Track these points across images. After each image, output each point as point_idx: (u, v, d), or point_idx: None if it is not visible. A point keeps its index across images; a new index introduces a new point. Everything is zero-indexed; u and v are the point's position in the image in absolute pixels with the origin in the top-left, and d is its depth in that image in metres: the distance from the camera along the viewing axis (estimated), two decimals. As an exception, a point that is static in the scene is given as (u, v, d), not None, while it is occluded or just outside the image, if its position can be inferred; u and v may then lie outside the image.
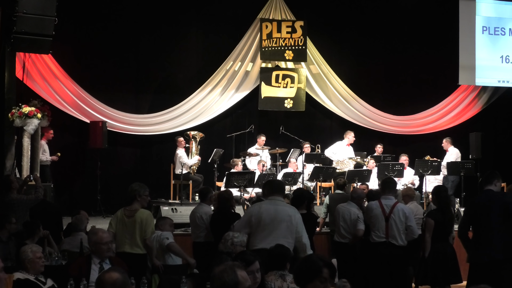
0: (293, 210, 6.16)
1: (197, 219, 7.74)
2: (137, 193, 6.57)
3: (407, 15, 14.07)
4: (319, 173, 11.60)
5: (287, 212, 5.99)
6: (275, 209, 5.94)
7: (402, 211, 7.12)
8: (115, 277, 3.30)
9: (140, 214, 6.51)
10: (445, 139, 13.15)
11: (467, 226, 6.24)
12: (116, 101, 12.68)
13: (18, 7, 9.21)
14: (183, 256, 6.92)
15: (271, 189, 6.18)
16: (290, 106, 13.36)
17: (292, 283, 4.76)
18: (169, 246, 6.81)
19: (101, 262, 5.60)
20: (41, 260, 5.41)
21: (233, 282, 3.24)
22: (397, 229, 7.02)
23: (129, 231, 6.46)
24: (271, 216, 5.89)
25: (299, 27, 13.12)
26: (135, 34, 12.82)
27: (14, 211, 7.39)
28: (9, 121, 10.06)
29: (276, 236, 5.75)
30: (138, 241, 6.45)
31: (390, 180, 7.57)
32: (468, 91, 14.53)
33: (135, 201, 6.57)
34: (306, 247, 5.94)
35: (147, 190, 6.64)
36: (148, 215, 6.57)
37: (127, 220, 6.54)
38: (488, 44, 14.13)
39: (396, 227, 7.02)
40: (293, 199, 7.40)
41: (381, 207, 7.09)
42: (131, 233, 6.45)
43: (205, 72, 13.18)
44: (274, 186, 6.29)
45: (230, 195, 7.77)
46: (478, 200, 6.26)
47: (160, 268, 6.59)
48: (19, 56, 11.01)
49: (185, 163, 11.98)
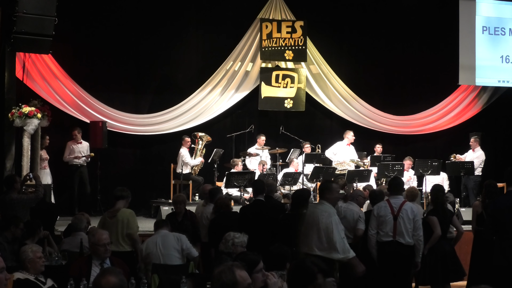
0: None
1: (203, 219, 7.78)
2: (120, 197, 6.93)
3: (407, 15, 14.07)
4: (319, 173, 11.61)
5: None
6: None
7: (411, 209, 7.14)
8: (112, 282, 3.30)
9: (122, 214, 6.76)
10: (473, 138, 12.99)
11: (494, 228, 6.17)
12: (116, 101, 12.68)
13: (18, 7, 9.21)
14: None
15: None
16: (290, 106, 13.36)
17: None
18: (195, 259, 6.86)
19: (102, 263, 5.61)
20: (41, 260, 5.41)
21: (231, 282, 3.24)
22: (405, 228, 7.03)
23: (112, 230, 6.60)
24: None
25: (299, 27, 13.11)
26: (135, 34, 12.82)
27: (14, 211, 7.41)
28: (9, 121, 10.05)
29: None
30: (120, 240, 6.62)
31: (397, 180, 7.59)
32: (468, 91, 14.53)
33: (117, 202, 6.86)
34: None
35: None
36: (129, 213, 6.82)
37: (109, 220, 6.81)
38: (488, 44, 14.12)
39: (404, 226, 7.03)
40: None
41: (390, 206, 7.10)
42: (115, 232, 6.62)
43: (205, 72, 13.18)
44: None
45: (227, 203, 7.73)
46: (502, 201, 6.18)
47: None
48: (19, 56, 11.00)
49: (187, 163, 11.98)
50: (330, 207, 6.22)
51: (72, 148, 11.65)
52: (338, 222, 6.18)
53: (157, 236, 6.85)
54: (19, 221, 6.75)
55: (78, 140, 11.70)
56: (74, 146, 11.66)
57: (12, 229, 6.62)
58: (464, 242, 8.82)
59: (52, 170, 11.43)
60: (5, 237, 6.57)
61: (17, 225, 6.67)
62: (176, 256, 6.72)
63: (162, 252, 6.68)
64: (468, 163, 12.30)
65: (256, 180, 8.46)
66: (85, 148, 11.70)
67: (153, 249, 6.67)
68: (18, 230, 6.66)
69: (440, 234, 7.35)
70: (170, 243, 6.73)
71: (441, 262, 7.35)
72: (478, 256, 7.55)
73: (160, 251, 6.66)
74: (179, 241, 6.78)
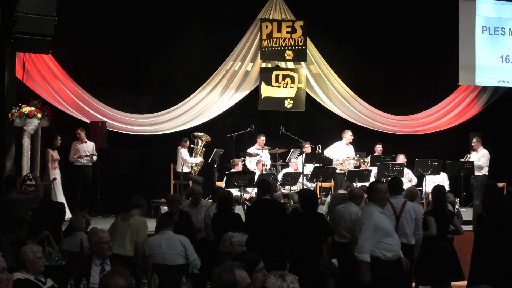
0: None
1: (206, 218, 7.80)
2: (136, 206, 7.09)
3: (407, 15, 14.07)
4: (319, 173, 11.60)
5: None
6: None
7: (413, 209, 7.15)
8: (120, 285, 3.29)
9: (135, 220, 6.81)
10: (475, 138, 13.00)
11: (495, 227, 6.18)
12: (116, 101, 12.67)
13: (18, 7, 9.22)
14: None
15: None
16: (290, 106, 13.36)
17: (292, 283, 4.76)
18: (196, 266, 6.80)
19: (102, 263, 5.61)
20: (41, 260, 5.41)
21: (231, 282, 3.24)
22: (408, 228, 7.04)
23: (120, 232, 6.62)
24: None
25: (299, 27, 13.11)
26: (135, 34, 12.82)
27: (14, 211, 7.42)
28: (9, 121, 10.06)
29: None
30: (127, 244, 6.62)
31: (397, 180, 7.59)
32: (468, 91, 14.53)
33: (132, 210, 6.93)
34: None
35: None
36: (142, 222, 6.87)
37: (121, 222, 6.86)
38: (488, 44, 14.12)
39: (408, 225, 7.03)
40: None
41: (392, 206, 7.11)
42: (122, 235, 6.63)
43: (205, 72, 13.17)
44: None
45: (228, 196, 7.61)
46: (503, 201, 6.18)
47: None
48: (19, 56, 11.01)
49: (185, 160, 11.99)
50: (375, 208, 6.14)
51: (77, 148, 11.63)
52: (375, 225, 6.04)
53: (161, 237, 6.65)
54: (24, 224, 6.78)
55: (83, 139, 11.68)
56: (79, 146, 11.64)
57: (17, 232, 6.67)
58: (464, 242, 8.84)
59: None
60: (9, 238, 6.60)
61: (22, 228, 6.70)
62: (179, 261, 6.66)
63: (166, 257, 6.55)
64: (468, 163, 12.30)
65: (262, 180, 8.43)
66: (90, 148, 11.68)
67: (156, 250, 6.55)
68: (23, 233, 6.70)
69: (434, 234, 7.34)
70: (175, 247, 6.58)
71: (442, 262, 7.35)
72: (479, 256, 7.55)
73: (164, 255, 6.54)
74: (183, 246, 6.61)
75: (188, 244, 6.67)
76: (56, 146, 11.20)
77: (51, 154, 11.01)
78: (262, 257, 4.72)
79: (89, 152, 11.61)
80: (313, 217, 7.20)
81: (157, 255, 6.51)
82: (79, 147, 11.65)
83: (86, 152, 11.60)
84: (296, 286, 4.73)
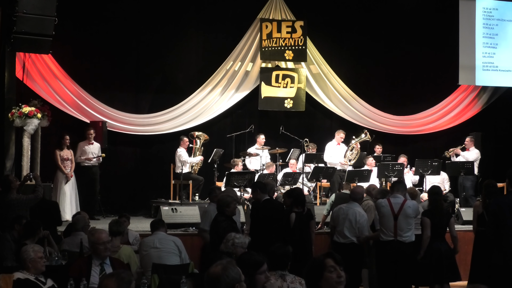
0: None
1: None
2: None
3: (407, 15, 14.06)
4: (319, 173, 11.60)
5: None
6: None
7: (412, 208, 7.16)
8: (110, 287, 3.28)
9: (124, 251, 6.65)
10: (468, 137, 13.02)
11: (495, 227, 6.18)
12: (116, 101, 12.66)
13: (18, 7, 9.22)
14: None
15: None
16: (290, 106, 13.36)
17: (292, 283, 4.76)
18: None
19: (101, 263, 5.61)
20: (42, 260, 5.42)
21: (238, 276, 3.27)
22: (406, 227, 7.03)
23: None
24: None
25: (299, 27, 13.11)
26: (135, 34, 12.81)
27: (14, 211, 7.41)
28: (9, 121, 10.06)
29: None
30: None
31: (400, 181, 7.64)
32: (468, 91, 14.53)
33: (114, 239, 6.64)
34: None
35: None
36: (130, 252, 6.75)
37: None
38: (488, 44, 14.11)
39: (406, 224, 7.03)
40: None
41: (390, 205, 7.10)
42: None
43: (205, 72, 13.17)
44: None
45: (228, 201, 7.04)
46: (504, 201, 6.19)
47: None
48: (19, 56, 11.00)
49: (184, 161, 11.93)
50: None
51: (83, 149, 11.46)
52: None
53: (154, 237, 6.87)
54: (21, 219, 6.81)
55: (91, 140, 11.59)
56: (86, 147, 11.46)
57: (16, 227, 6.69)
58: (464, 242, 8.84)
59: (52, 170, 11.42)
60: (12, 235, 6.62)
61: (20, 223, 6.72)
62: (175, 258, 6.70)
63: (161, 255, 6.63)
64: (468, 163, 12.30)
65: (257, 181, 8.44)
66: (96, 149, 11.52)
67: (150, 245, 6.70)
68: (22, 228, 6.71)
69: (429, 236, 7.35)
70: (168, 245, 6.73)
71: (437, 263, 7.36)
72: (479, 256, 7.54)
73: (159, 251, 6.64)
74: (176, 246, 6.79)
75: (181, 245, 6.83)
76: (64, 146, 11.09)
77: (59, 154, 10.96)
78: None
79: (95, 154, 11.51)
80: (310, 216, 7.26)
81: (152, 252, 6.62)
82: (85, 149, 11.49)
83: (93, 154, 11.50)
84: (296, 286, 4.73)
